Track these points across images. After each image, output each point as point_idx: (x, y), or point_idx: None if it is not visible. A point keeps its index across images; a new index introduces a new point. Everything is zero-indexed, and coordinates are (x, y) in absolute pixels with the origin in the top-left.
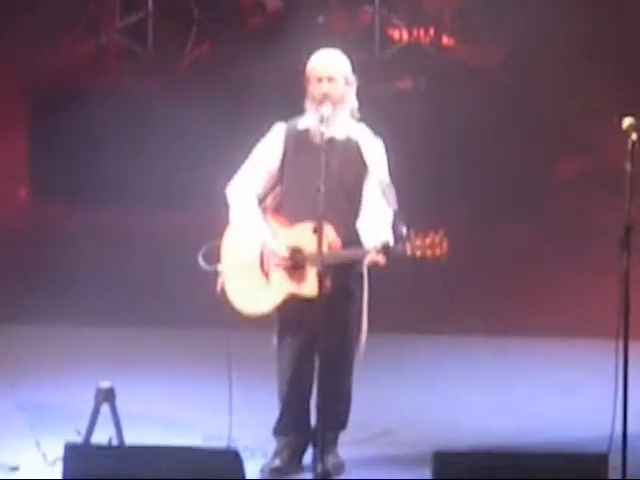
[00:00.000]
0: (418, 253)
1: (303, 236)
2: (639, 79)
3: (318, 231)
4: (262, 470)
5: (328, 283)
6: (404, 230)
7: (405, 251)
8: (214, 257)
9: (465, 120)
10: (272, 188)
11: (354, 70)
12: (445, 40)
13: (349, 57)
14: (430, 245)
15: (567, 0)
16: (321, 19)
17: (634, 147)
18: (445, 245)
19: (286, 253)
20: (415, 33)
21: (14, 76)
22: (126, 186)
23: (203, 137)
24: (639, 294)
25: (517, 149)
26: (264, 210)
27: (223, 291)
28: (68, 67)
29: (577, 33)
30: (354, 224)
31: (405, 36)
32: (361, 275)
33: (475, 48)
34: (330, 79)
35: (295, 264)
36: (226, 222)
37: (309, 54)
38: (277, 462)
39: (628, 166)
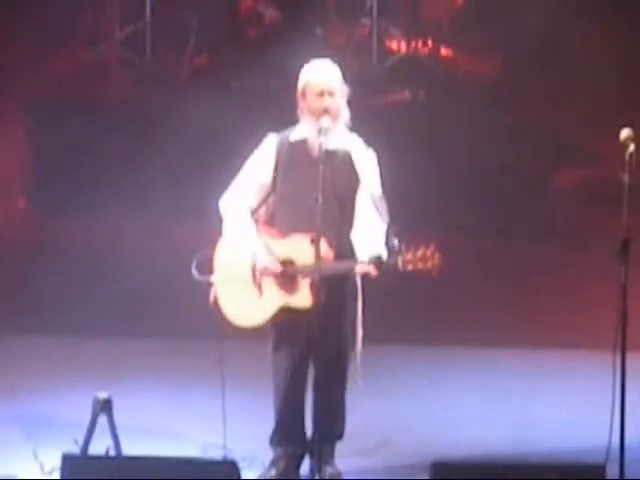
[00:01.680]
0: (410, 266)
1: (296, 248)
2: (639, 89)
3: (315, 242)
4: None
5: (321, 294)
6: (395, 243)
7: (396, 264)
8: (207, 267)
9: (463, 131)
10: (265, 200)
11: (349, 81)
12: (443, 51)
13: (345, 68)
14: (421, 258)
15: (566, 9)
16: (319, 31)
17: (632, 158)
18: (437, 259)
19: (278, 268)
20: (413, 44)
21: (13, 86)
22: (124, 197)
23: (201, 147)
24: (637, 306)
25: (516, 160)
26: (256, 221)
27: (216, 302)
28: (67, 77)
29: (576, 42)
30: (347, 235)
31: (403, 47)
32: (355, 286)
33: (473, 58)
34: (330, 93)
35: (287, 276)
36: (220, 234)
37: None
38: (273, 472)
39: (626, 177)
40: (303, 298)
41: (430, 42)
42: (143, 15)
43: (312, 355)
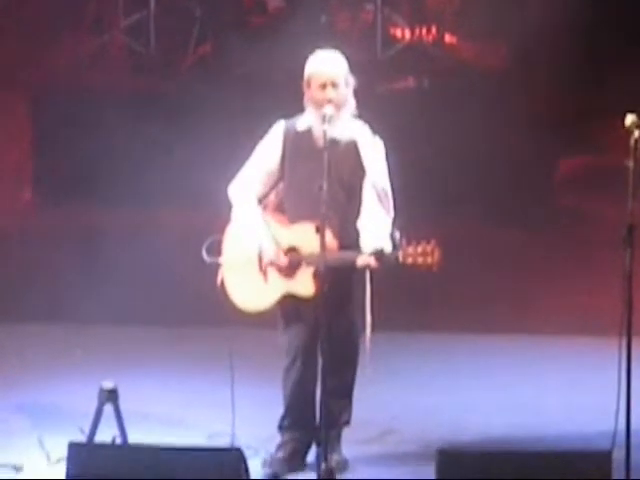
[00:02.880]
0: (409, 260)
1: (301, 235)
2: None
3: (320, 229)
4: (264, 462)
5: (324, 283)
6: (397, 236)
7: (397, 258)
8: (216, 250)
9: (467, 119)
10: (274, 186)
11: (353, 69)
12: (447, 38)
13: (348, 56)
14: (422, 253)
15: None
16: (323, 19)
17: (636, 145)
18: (437, 254)
19: (285, 262)
20: (417, 32)
21: (17, 76)
22: (129, 185)
23: (206, 136)
24: None
25: (519, 148)
26: (266, 207)
27: (223, 284)
28: (71, 66)
29: (579, 30)
30: (353, 223)
31: (407, 35)
32: (362, 273)
33: (478, 46)
34: (334, 85)
35: (291, 264)
36: (228, 220)
37: (310, 54)
38: (280, 454)
39: (630, 164)
40: (305, 286)
41: (434, 30)
42: (147, 4)
43: (319, 341)
